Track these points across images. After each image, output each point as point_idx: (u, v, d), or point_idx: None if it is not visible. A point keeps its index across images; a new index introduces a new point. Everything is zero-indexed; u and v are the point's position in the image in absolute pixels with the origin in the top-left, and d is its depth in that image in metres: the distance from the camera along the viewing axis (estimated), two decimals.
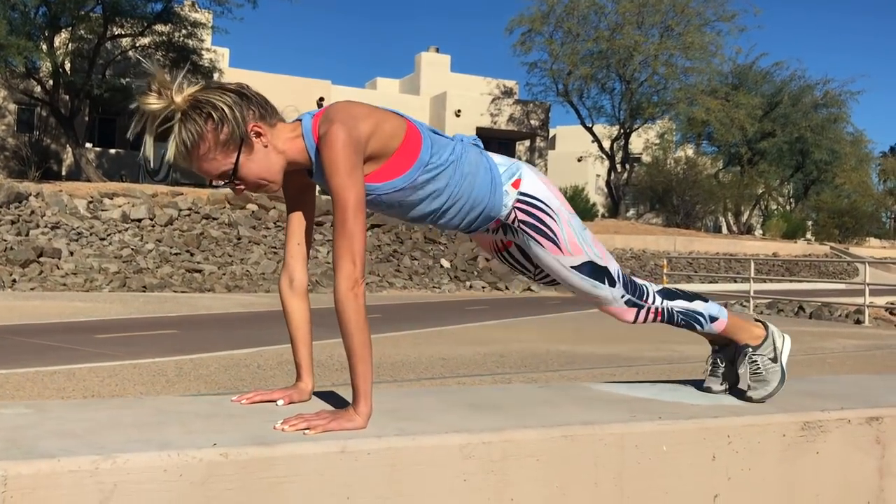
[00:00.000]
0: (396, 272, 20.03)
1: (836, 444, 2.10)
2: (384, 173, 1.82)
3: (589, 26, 35.46)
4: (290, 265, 1.95)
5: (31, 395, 4.67)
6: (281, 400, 1.91)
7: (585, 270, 2.03)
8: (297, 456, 1.54)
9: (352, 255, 1.69)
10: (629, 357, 7.43)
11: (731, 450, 1.96)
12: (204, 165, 1.74)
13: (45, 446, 1.44)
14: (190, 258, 18.13)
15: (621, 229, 30.84)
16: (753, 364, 2.20)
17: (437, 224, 1.97)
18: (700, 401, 2.19)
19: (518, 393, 2.24)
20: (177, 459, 1.44)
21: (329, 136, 1.71)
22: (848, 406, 2.19)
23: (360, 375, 1.71)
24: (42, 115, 28.50)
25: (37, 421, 1.64)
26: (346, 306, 1.69)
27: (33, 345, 7.23)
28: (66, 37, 24.59)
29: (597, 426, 1.83)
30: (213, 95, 1.72)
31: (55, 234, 17.31)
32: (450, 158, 1.89)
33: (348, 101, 1.85)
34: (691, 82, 35.70)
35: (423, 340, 8.42)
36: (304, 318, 1.96)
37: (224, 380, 5.51)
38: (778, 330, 2.29)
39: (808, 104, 42.36)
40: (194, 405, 1.89)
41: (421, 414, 1.87)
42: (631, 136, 37.52)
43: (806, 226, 44.37)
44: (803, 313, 15.47)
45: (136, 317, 10.31)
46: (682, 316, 2.15)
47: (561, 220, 2.00)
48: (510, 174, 1.99)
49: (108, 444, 1.47)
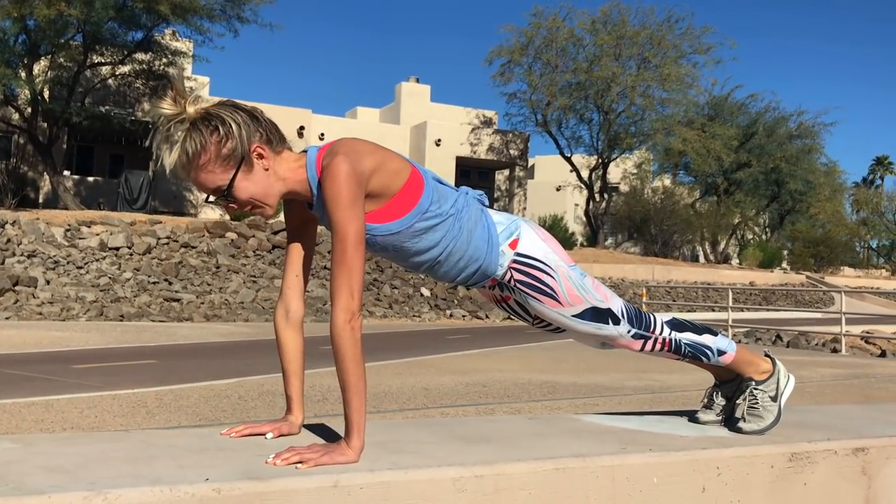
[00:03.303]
0: (377, 301, 19.97)
1: (823, 475, 2.12)
2: (382, 215, 1.83)
3: (567, 58, 35.91)
4: (287, 296, 1.95)
5: (9, 427, 4.59)
6: (270, 433, 1.89)
7: (587, 316, 2.05)
8: (290, 490, 1.52)
9: (350, 288, 1.70)
10: (611, 387, 7.44)
11: (720, 481, 1.96)
12: (201, 176, 1.75)
13: (35, 482, 1.42)
14: (168, 287, 17.97)
15: (600, 258, 31.00)
16: (752, 398, 2.21)
17: (433, 274, 1.98)
18: (689, 432, 2.20)
19: (507, 425, 2.24)
20: (169, 495, 1.43)
21: (331, 168, 1.72)
22: (834, 437, 2.21)
23: (355, 409, 1.71)
24: (19, 143, 28.28)
25: (24, 456, 1.62)
26: (343, 339, 1.69)
27: (9, 375, 7.11)
28: (45, 64, 24.51)
29: (588, 458, 1.83)
30: (224, 111, 1.76)
31: (31, 262, 17.11)
32: (450, 211, 1.90)
33: (355, 137, 1.87)
34: (668, 113, 36.17)
35: (404, 370, 8.38)
36: (297, 351, 1.95)
37: (205, 411, 5.45)
38: (785, 370, 2.29)
39: (782, 135, 43.03)
40: (184, 438, 1.87)
41: (412, 447, 1.86)
42: (609, 166, 37.85)
43: (782, 255, 44.82)
44: (780, 342, 15.59)
45: (114, 346, 10.19)
46: (690, 348, 2.17)
47: (559, 276, 2.01)
48: (508, 234, 2.00)
49: (98, 479, 1.46)
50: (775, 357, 2.31)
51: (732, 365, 2.22)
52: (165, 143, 1.73)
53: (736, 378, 2.28)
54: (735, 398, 2.27)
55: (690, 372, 8.01)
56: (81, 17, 21.86)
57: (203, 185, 1.77)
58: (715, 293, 28.67)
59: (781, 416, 2.24)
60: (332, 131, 32.57)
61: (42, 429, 4.55)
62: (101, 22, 23.03)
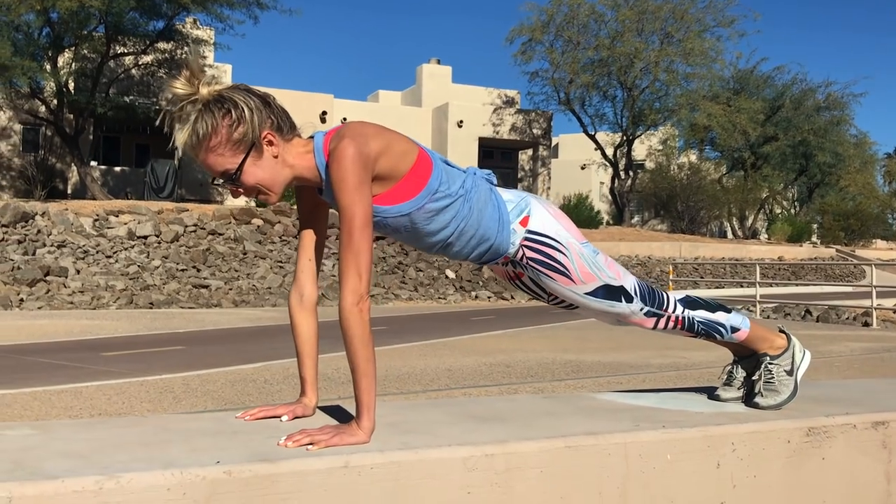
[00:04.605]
0: (402, 284, 20.03)
1: (841, 450, 2.10)
2: (392, 196, 1.83)
3: (589, 34, 35.56)
4: (301, 280, 1.96)
5: (39, 414, 4.68)
6: (285, 415, 1.91)
7: (600, 294, 2.04)
8: (301, 472, 1.54)
9: (358, 270, 1.70)
10: (635, 365, 7.42)
11: (735, 457, 1.95)
12: (210, 158, 1.75)
13: (50, 467, 1.44)
14: (196, 274, 18.17)
15: (626, 236, 30.82)
16: (768, 373, 2.20)
17: (446, 253, 1.98)
18: (704, 408, 2.19)
19: (522, 404, 2.24)
20: (180, 478, 1.45)
21: (338, 152, 1.72)
22: (853, 411, 2.18)
23: (364, 390, 1.72)
24: (47, 135, 28.66)
25: (42, 442, 1.65)
26: (351, 321, 1.69)
27: (40, 363, 7.25)
28: (69, 56, 24.75)
29: (600, 436, 1.83)
30: (237, 95, 1.76)
31: (61, 252, 17.36)
32: (459, 191, 1.90)
33: (362, 121, 1.86)
34: (693, 88, 35.74)
35: (429, 352, 8.42)
36: (312, 334, 1.97)
37: (231, 395, 5.51)
38: (800, 345, 2.28)
39: (810, 107, 42.34)
40: (199, 423, 1.89)
41: (425, 427, 1.87)
42: (634, 143, 37.53)
43: (811, 229, 44.25)
44: (810, 317, 15.42)
45: (143, 334, 10.33)
46: (703, 325, 2.15)
47: (571, 253, 2.00)
48: (518, 211, 2.00)
49: (112, 463, 1.48)
50: (790, 332, 2.29)
51: (747, 341, 2.21)
52: (177, 122, 1.74)
53: (753, 354, 2.26)
54: (752, 374, 2.26)
55: (715, 348, 7.96)
56: (103, 7, 22.01)
57: (211, 168, 1.77)
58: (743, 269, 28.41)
59: (798, 391, 2.22)
60: (355, 116, 32.58)
61: (70, 415, 4.63)
62: (122, 12, 23.18)
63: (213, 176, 1.80)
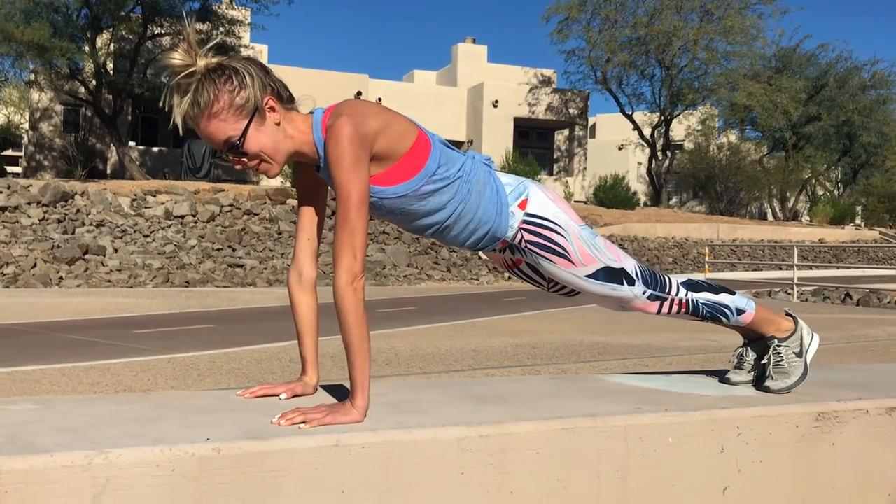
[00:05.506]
0: (435, 264, 20.05)
1: (853, 436, 2.05)
2: (389, 177, 1.82)
3: (627, 12, 35.02)
4: (300, 259, 1.97)
5: (66, 389, 4.77)
6: (284, 394, 1.92)
7: (601, 276, 2.01)
8: (291, 450, 1.54)
9: (353, 249, 1.69)
10: (664, 347, 7.34)
11: (740, 441, 1.91)
12: (212, 126, 1.73)
13: (42, 442, 1.46)
14: (232, 253, 18.36)
15: (663, 217, 30.45)
16: (777, 356, 2.17)
17: (441, 238, 1.96)
18: (711, 392, 2.15)
19: (526, 385, 2.22)
20: (169, 454, 1.45)
21: (335, 129, 1.71)
22: (867, 396, 2.13)
23: (358, 369, 1.71)
24: (87, 116, 29.09)
25: (40, 416, 1.67)
26: (346, 300, 1.69)
27: (73, 340, 7.39)
28: (107, 37, 25.05)
29: (599, 418, 1.81)
30: (236, 62, 1.75)
31: (100, 231, 17.66)
32: (457, 174, 1.88)
33: (360, 99, 1.85)
34: (733, 67, 35.06)
35: (455, 332, 8.42)
36: (311, 313, 1.97)
37: (255, 373, 5.57)
38: (808, 327, 2.25)
39: (855, 86, 41.28)
40: (199, 400, 1.91)
41: (422, 407, 1.86)
42: (672, 123, 36.99)
43: (855, 211, 43.30)
44: (850, 300, 15.12)
45: (176, 312, 10.47)
46: (708, 308, 2.12)
47: (570, 235, 1.98)
48: (517, 195, 1.98)
49: (102, 439, 1.49)
50: (796, 315, 2.24)
51: (753, 324, 2.17)
52: (177, 93, 1.72)
53: (762, 338, 2.22)
54: (762, 358, 2.21)
55: None
56: None
57: (213, 136, 1.74)
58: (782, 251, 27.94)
59: (809, 374, 2.17)
60: (390, 96, 32.54)
61: (96, 391, 4.71)
62: None
63: (215, 147, 1.78)
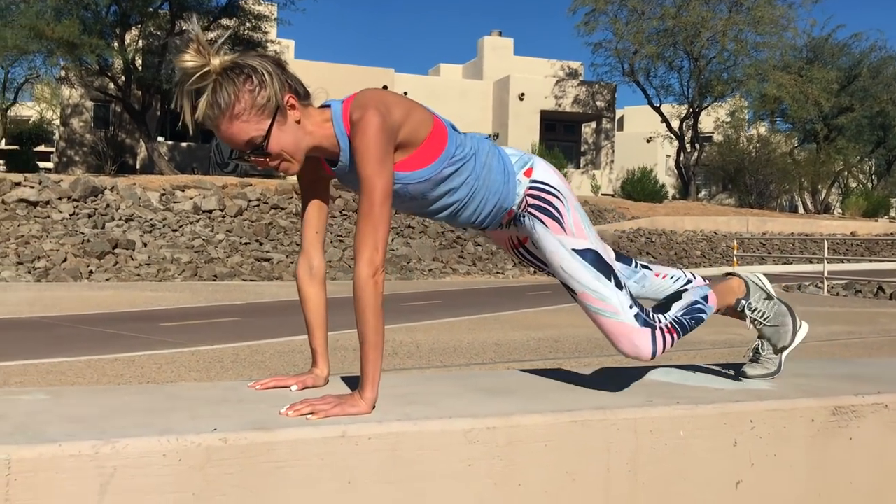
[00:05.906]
0: (460, 258, 20.05)
1: (871, 430, 2.01)
2: (412, 162, 1.82)
3: (654, 4, 34.67)
4: (309, 252, 1.97)
5: (91, 381, 4.83)
6: (295, 385, 1.92)
7: (589, 258, 1.96)
8: (297, 440, 1.54)
9: (375, 242, 1.69)
10: (687, 341, 7.26)
11: (753, 435, 1.89)
12: (234, 127, 1.68)
13: (51, 431, 1.48)
14: (259, 247, 18.50)
15: (691, 210, 30.17)
16: (756, 311, 2.20)
17: (455, 219, 1.97)
18: (725, 385, 2.13)
19: (537, 377, 2.21)
20: (176, 444, 1.46)
21: (363, 122, 1.69)
22: (886, 390, 2.09)
23: (371, 361, 1.71)
24: (116, 111, 29.43)
25: (51, 407, 1.69)
26: (365, 292, 1.69)
27: (101, 333, 7.49)
28: (135, 34, 25.32)
29: (609, 411, 1.79)
30: (252, 60, 1.71)
31: (129, 226, 17.88)
32: (469, 151, 1.90)
33: (377, 88, 1.84)
34: (762, 58, 34.59)
35: (478, 325, 8.41)
36: (321, 305, 1.98)
37: (277, 366, 5.61)
38: (743, 272, 2.30)
39: (889, 76, 40.49)
40: (210, 391, 1.92)
41: (430, 399, 1.86)
42: (700, 115, 36.58)
43: (889, 203, 42.56)
44: (883, 294, 14.88)
45: (203, 305, 10.58)
46: (689, 317, 2.08)
47: (568, 203, 2.00)
48: (522, 164, 2.00)
49: (110, 428, 1.50)
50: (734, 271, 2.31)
51: (721, 301, 2.19)
52: (193, 96, 1.68)
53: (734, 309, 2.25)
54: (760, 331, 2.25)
55: None
56: None
57: (235, 137, 1.70)
58: (812, 244, 27.57)
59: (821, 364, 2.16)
60: (416, 89, 32.55)
61: (120, 383, 4.78)
62: None
63: (237, 147, 1.73)
